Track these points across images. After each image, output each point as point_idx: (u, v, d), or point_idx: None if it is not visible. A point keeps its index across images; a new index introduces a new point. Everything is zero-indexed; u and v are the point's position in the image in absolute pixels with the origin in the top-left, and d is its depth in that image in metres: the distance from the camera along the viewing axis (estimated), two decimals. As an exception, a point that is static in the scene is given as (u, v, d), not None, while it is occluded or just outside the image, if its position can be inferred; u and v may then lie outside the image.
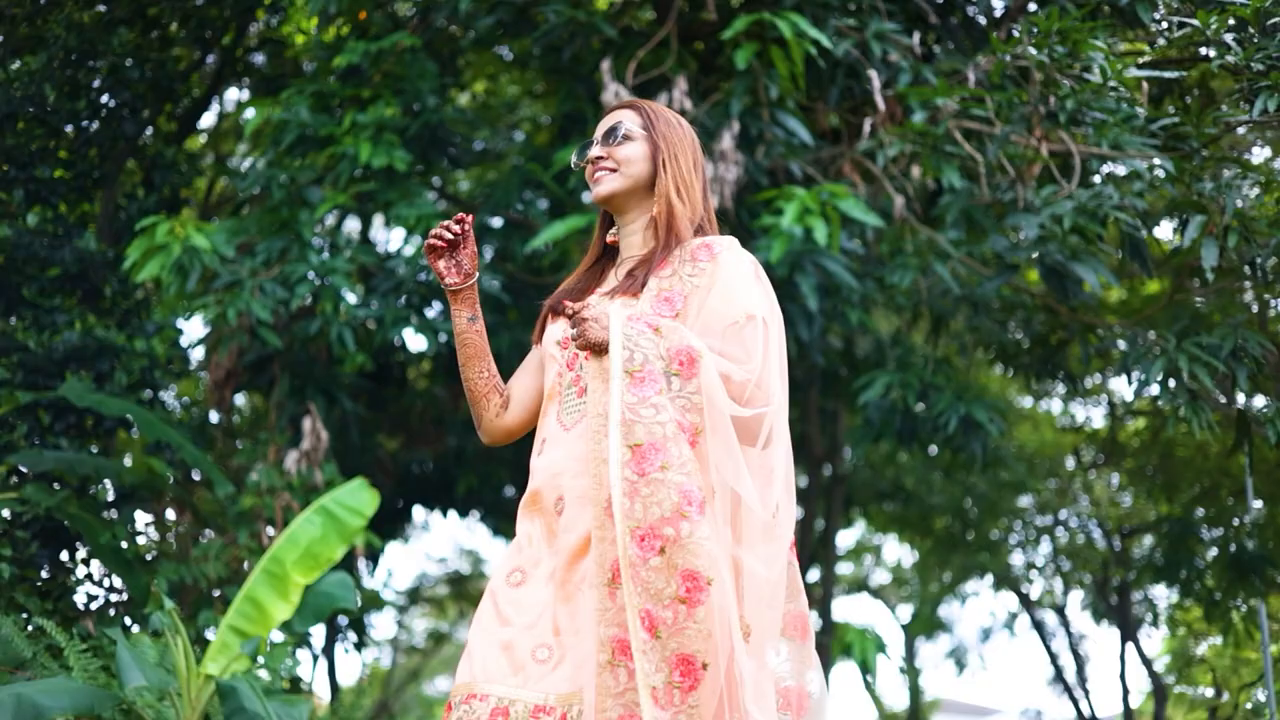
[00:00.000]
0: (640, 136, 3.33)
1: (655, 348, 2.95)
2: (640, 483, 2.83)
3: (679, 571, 2.78)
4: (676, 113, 3.46)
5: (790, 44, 7.14)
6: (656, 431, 2.86)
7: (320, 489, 7.84)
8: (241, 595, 6.10)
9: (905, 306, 8.18)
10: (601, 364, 2.97)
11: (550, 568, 3.07)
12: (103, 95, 9.33)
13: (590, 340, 2.97)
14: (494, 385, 3.39)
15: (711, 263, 3.16)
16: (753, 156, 7.65)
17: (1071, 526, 15.80)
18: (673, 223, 3.25)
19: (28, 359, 8.45)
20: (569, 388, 3.19)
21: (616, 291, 3.22)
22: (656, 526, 2.80)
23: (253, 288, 7.51)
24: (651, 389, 2.90)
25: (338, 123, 7.97)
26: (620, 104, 3.45)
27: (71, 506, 7.54)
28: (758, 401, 2.99)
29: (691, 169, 3.36)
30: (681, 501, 2.82)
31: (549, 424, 3.23)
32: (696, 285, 3.14)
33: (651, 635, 2.77)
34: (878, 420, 7.69)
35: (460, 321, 3.34)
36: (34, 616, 7.27)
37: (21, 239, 8.74)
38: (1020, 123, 6.85)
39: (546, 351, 3.32)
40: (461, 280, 3.31)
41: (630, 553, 2.80)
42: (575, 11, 7.49)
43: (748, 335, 3.04)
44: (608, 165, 3.32)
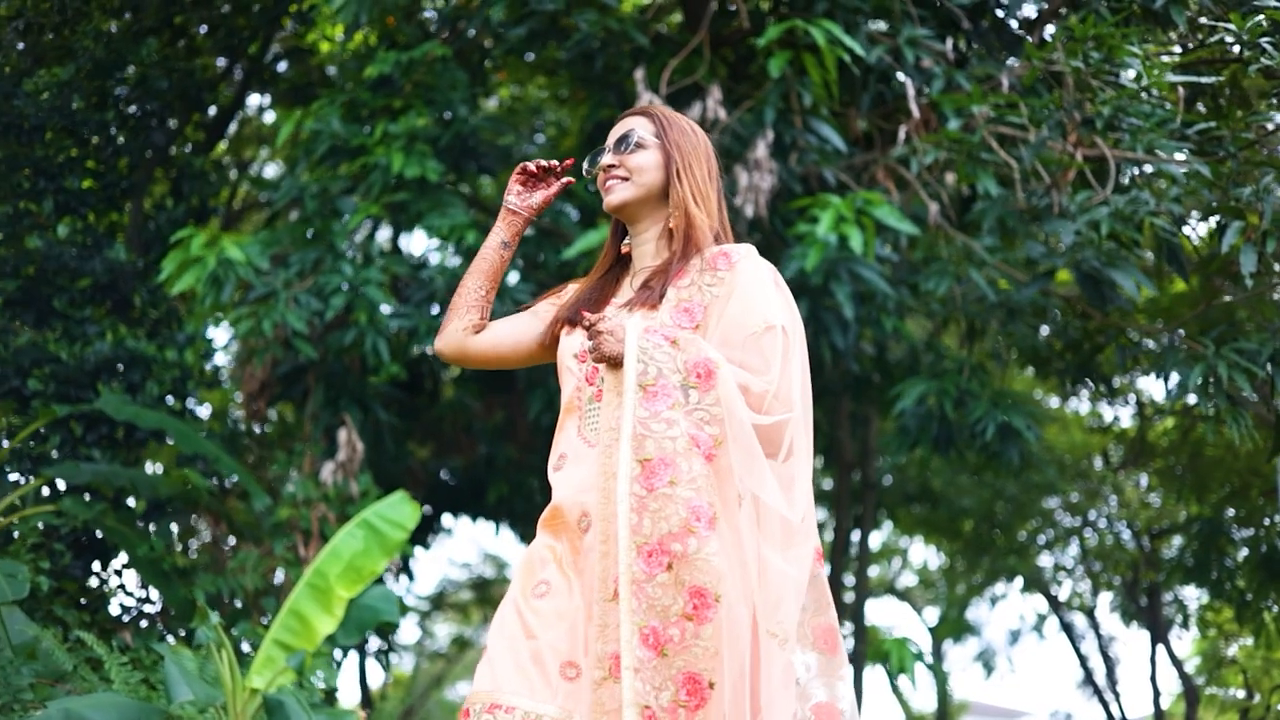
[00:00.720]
0: (653, 145, 3.32)
1: (671, 361, 2.96)
2: (648, 498, 2.84)
3: (686, 588, 2.79)
4: (696, 121, 3.50)
5: (824, 52, 7.20)
6: (667, 447, 2.87)
7: (356, 500, 7.93)
8: (285, 609, 6.18)
9: (940, 313, 8.23)
10: (618, 377, 2.98)
11: (575, 586, 3.05)
12: (131, 105, 9.43)
13: (606, 353, 2.97)
14: (481, 306, 3.40)
15: (730, 271, 3.15)
16: (786, 163, 7.72)
17: (1100, 528, 15.83)
18: (691, 233, 3.24)
19: (59, 370, 8.55)
20: (590, 402, 3.18)
21: (634, 303, 3.21)
22: (665, 542, 2.81)
23: (287, 299, 7.60)
24: (664, 403, 2.91)
25: (369, 133, 8.06)
26: (632, 111, 3.44)
27: (109, 519, 7.63)
28: (778, 411, 3.00)
29: (707, 178, 3.35)
30: (690, 517, 2.82)
31: (569, 438, 3.21)
32: (716, 295, 3.14)
33: (657, 653, 2.77)
34: (914, 428, 7.75)
35: (494, 239, 3.41)
36: (73, 629, 7.37)
37: (52, 250, 8.84)
38: (1055, 128, 6.90)
39: (563, 364, 3.30)
40: (521, 209, 3.41)
41: (635, 569, 2.80)
42: (607, 20, 7.56)
43: (766, 345, 3.04)
44: (620, 174, 3.31)
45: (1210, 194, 6.67)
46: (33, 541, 7.45)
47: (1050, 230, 6.97)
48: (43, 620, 7.40)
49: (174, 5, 9.63)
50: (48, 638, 6.75)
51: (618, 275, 3.43)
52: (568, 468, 3.18)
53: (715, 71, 7.89)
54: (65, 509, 7.57)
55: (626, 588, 2.80)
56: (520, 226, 3.43)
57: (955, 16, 7.80)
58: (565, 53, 7.87)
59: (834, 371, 8.82)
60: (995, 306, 7.57)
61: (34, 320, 8.97)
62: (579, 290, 3.46)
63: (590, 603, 2.97)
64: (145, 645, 7.32)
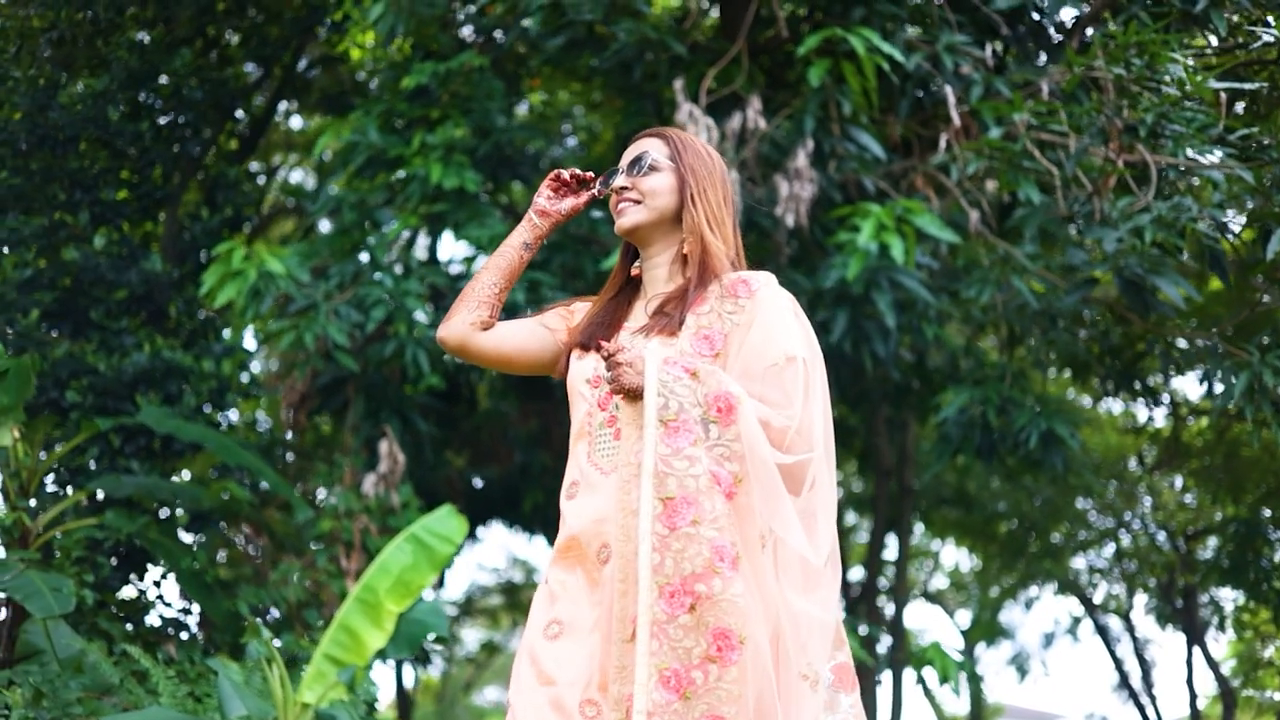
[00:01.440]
0: (667, 168, 3.29)
1: (692, 394, 2.91)
2: (671, 537, 2.79)
3: (710, 630, 2.74)
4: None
5: (863, 60, 7.26)
6: (690, 485, 2.82)
7: (397, 511, 8.02)
8: (336, 624, 6.26)
9: (981, 320, 8.28)
10: (636, 409, 2.94)
11: (594, 618, 3.01)
12: (164, 115, 9.53)
13: (625, 385, 2.93)
14: (492, 303, 3.35)
15: (750, 300, 3.13)
16: (824, 171, 7.77)
17: (1134, 529, 15.84)
18: (707, 259, 3.21)
19: (97, 382, 8.64)
20: (601, 428, 3.15)
21: (651, 329, 3.18)
22: (688, 582, 2.76)
23: (328, 311, 7.69)
24: (686, 439, 2.86)
25: (406, 143, 8.14)
26: (647, 133, 3.42)
27: (152, 532, 7.73)
28: (799, 448, 2.96)
29: (722, 202, 3.31)
30: (714, 558, 2.78)
31: (580, 465, 3.18)
32: (737, 323, 3.11)
33: (679, 696, 2.72)
34: (955, 436, 7.80)
35: (517, 238, 3.37)
36: (117, 642, 7.47)
37: (88, 262, 8.94)
38: (1097, 135, 6.94)
39: (574, 389, 3.27)
40: (550, 210, 3.38)
41: (656, 610, 2.76)
42: (645, 29, 7.62)
43: (788, 378, 3.01)
44: (632, 196, 3.29)
45: (1252, 199, 6.71)
46: (77, 555, 7.55)
47: (1093, 237, 7.01)
48: (87, 633, 7.50)
49: (207, 15, 9.73)
50: (94, 651, 6.85)
51: (629, 298, 3.41)
52: (581, 496, 3.15)
53: (753, 80, 7.94)
54: (109, 522, 7.66)
55: (645, 629, 2.75)
56: (545, 230, 3.40)
57: (994, 22, 7.84)
58: (602, 62, 7.92)
59: (874, 379, 8.86)
60: (1037, 313, 7.62)
61: (71, 332, 9.08)
62: (589, 313, 3.42)
63: (608, 637, 2.93)
64: (189, 658, 7.42)
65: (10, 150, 9.22)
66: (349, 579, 7.84)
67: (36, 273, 9.00)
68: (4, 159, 9.26)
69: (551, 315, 3.47)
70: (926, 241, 7.63)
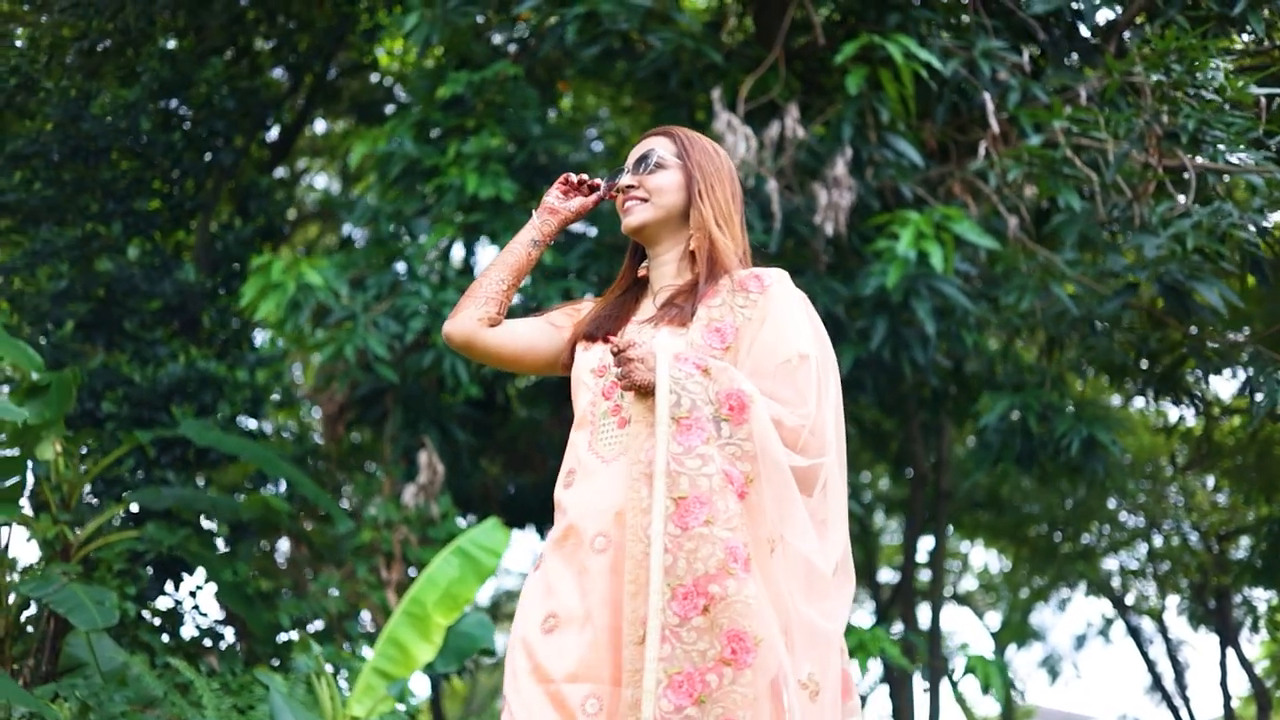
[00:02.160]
0: (674, 165, 3.30)
1: (704, 391, 2.89)
2: (683, 537, 2.76)
3: (724, 632, 2.70)
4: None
5: (901, 68, 7.31)
6: (703, 484, 2.80)
7: (436, 522, 8.10)
8: (384, 637, 6.35)
9: (1019, 326, 8.33)
10: (646, 405, 2.92)
11: (585, 610, 2.98)
12: (196, 125, 9.63)
13: (636, 381, 2.92)
14: (499, 300, 3.34)
15: (763, 295, 3.11)
16: (862, 179, 7.83)
17: (1166, 529, 15.85)
18: (715, 255, 3.21)
19: (132, 393, 8.74)
20: (605, 416, 3.13)
21: (661, 320, 3.18)
22: (701, 583, 2.73)
23: (366, 323, 7.77)
24: (698, 437, 2.84)
25: (441, 152, 8.21)
26: (653, 131, 3.42)
27: (192, 544, 7.82)
28: (812, 449, 2.95)
29: (729, 199, 3.31)
30: (727, 558, 2.75)
31: (580, 453, 3.16)
32: (749, 318, 3.09)
33: (693, 701, 2.68)
34: (996, 443, 7.85)
35: (526, 235, 3.40)
36: (159, 654, 7.55)
37: (122, 273, 9.04)
38: (1136, 141, 6.98)
39: (579, 379, 3.26)
40: (557, 210, 3.43)
41: (668, 614, 2.73)
42: (683, 38, 7.69)
43: (800, 376, 3.00)
44: (639, 195, 3.29)
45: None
46: (118, 568, 7.64)
47: (1133, 244, 7.06)
48: (129, 646, 7.59)
49: (237, 24, 9.83)
50: (137, 664, 6.94)
51: (636, 295, 3.40)
52: (578, 484, 3.12)
53: (790, 87, 8.01)
54: (150, 535, 7.76)
55: (655, 633, 2.72)
56: (554, 228, 3.42)
57: (1030, 27, 7.88)
58: (638, 71, 7.99)
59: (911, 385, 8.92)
60: (1077, 320, 7.67)
61: (105, 343, 9.18)
62: (596, 309, 3.42)
63: (617, 635, 2.90)
64: (230, 669, 7.51)
65: (43, 161, 9.33)
66: (389, 590, 7.93)
67: (70, 284, 9.10)
68: (37, 170, 9.37)
69: (558, 314, 3.48)
70: (965, 248, 7.68)
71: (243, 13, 9.77)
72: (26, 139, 9.34)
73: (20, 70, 9.39)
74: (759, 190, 7.66)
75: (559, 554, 3.09)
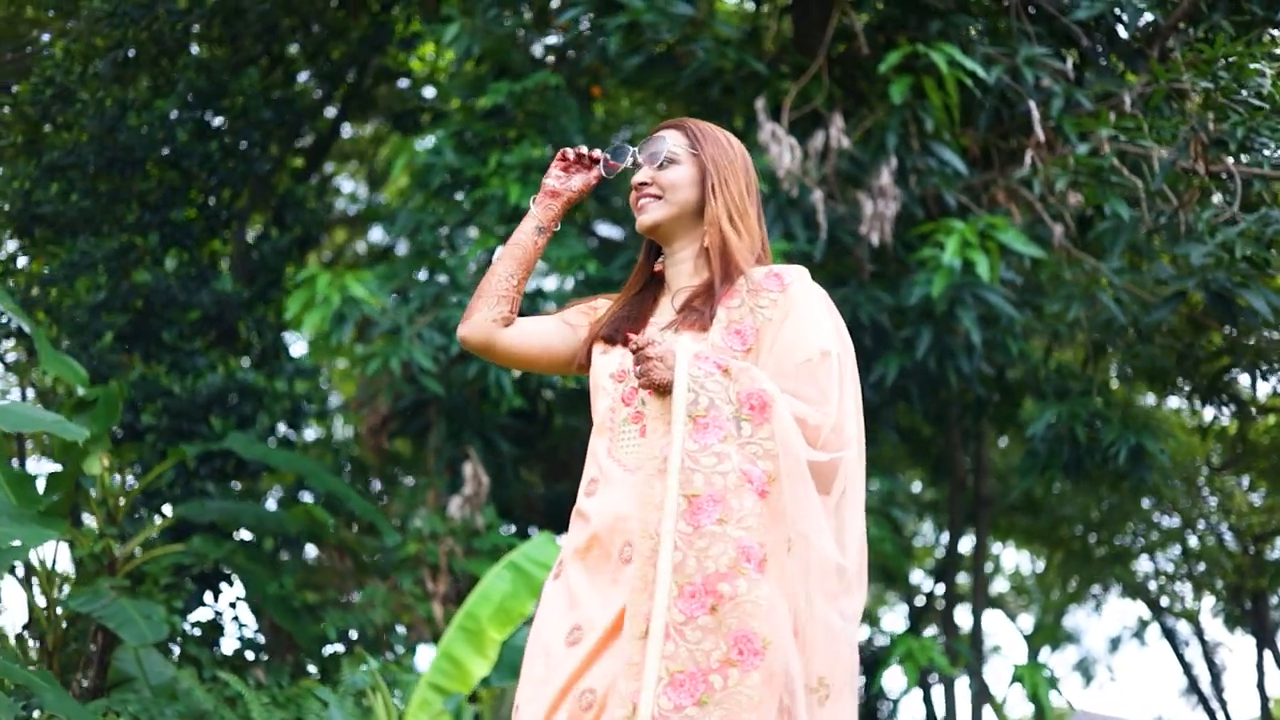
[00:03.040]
0: (686, 159, 3.24)
1: (724, 391, 2.88)
2: (694, 535, 2.75)
3: (731, 633, 2.69)
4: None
5: (945, 77, 7.39)
6: (717, 482, 2.79)
7: (482, 533, 8.20)
8: (439, 652, 6.45)
9: (1065, 335, 8.40)
10: (664, 404, 2.91)
11: (611, 619, 2.94)
12: (232, 135, 9.74)
13: (655, 380, 2.90)
14: (512, 296, 3.30)
15: (782, 294, 3.09)
16: (906, 187, 7.90)
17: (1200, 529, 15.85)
18: (728, 253, 3.18)
19: (171, 404, 8.84)
20: (625, 423, 3.12)
21: (680, 324, 3.15)
22: (710, 581, 2.72)
23: (411, 335, 7.87)
24: (715, 436, 2.83)
25: (482, 162, 8.30)
26: (665, 123, 3.36)
27: (238, 557, 7.93)
28: (834, 446, 2.93)
29: (744, 193, 3.26)
30: (739, 558, 2.74)
31: (601, 461, 3.14)
32: (769, 318, 3.07)
33: (694, 701, 2.66)
34: (1044, 452, 7.92)
35: (530, 223, 3.33)
36: (206, 667, 7.67)
37: (160, 283, 9.14)
38: (1182, 149, 7.02)
39: (597, 384, 3.23)
40: (559, 192, 3.34)
41: (674, 611, 2.71)
42: (726, 49, 7.78)
43: (822, 374, 2.98)
44: (652, 192, 3.24)
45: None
46: (165, 582, 7.75)
47: (1181, 252, 7.12)
48: (177, 659, 7.70)
49: (272, 33, 9.93)
50: (186, 678, 7.05)
51: (653, 294, 3.36)
52: (601, 492, 3.10)
53: (832, 96, 8.08)
54: (195, 548, 7.86)
55: (659, 630, 2.71)
56: (558, 210, 3.35)
57: (1073, 33, 7.94)
58: (681, 82, 8.07)
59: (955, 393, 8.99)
60: (1123, 328, 7.73)
61: (143, 354, 9.28)
62: (612, 308, 3.39)
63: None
64: (277, 682, 7.61)
65: (79, 172, 9.44)
66: (435, 602, 8.03)
67: (108, 295, 9.20)
68: (73, 181, 9.48)
69: (573, 312, 3.44)
70: (1009, 256, 7.75)
71: (277, 21, 9.86)
72: (63, 150, 9.46)
73: (55, 81, 9.51)
74: (803, 199, 7.74)
75: (582, 564, 3.08)
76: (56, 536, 6.31)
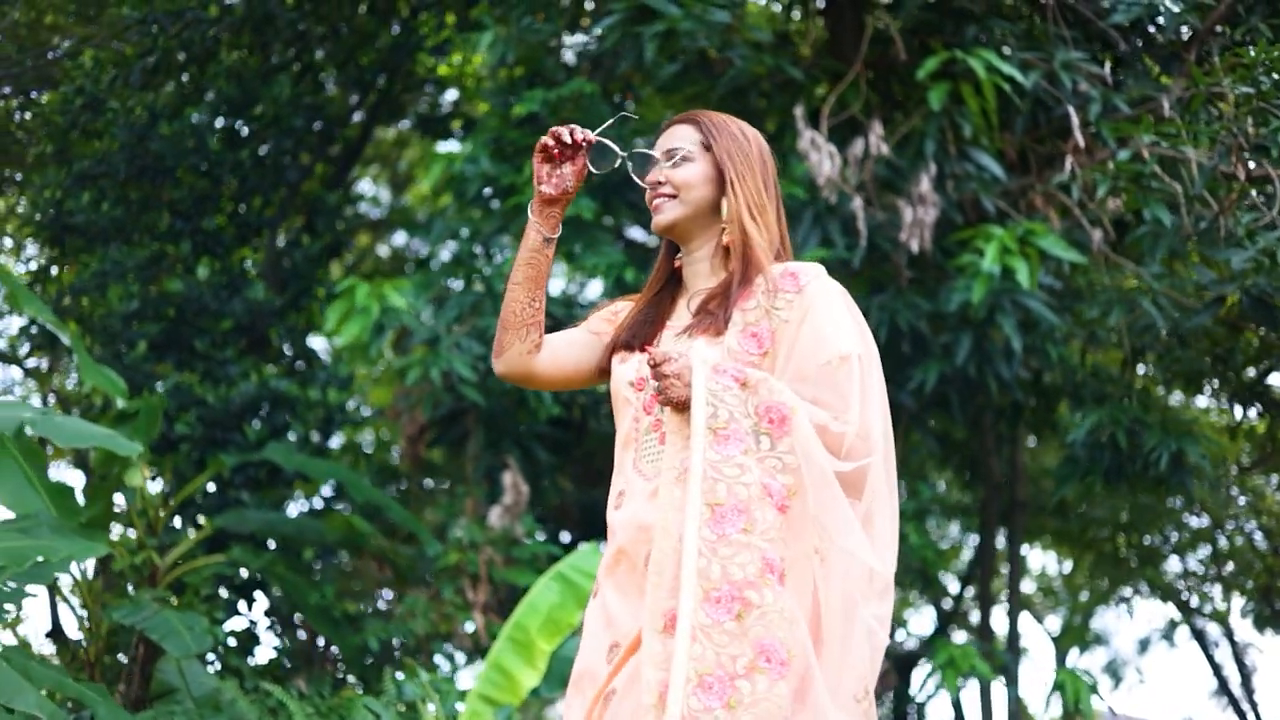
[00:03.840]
0: (700, 156, 3.18)
1: (742, 405, 2.85)
2: (719, 543, 2.74)
3: (756, 640, 2.69)
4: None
5: (983, 83, 7.47)
6: (740, 493, 2.77)
7: (521, 542, 8.31)
8: (489, 664, 6.55)
9: (1104, 339, 8.47)
10: (684, 417, 2.88)
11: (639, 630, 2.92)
12: (263, 143, 9.85)
13: (673, 398, 2.87)
14: (538, 320, 3.22)
15: (799, 294, 3.04)
16: (943, 192, 7.97)
17: (1229, 529, 15.88)
18: (749, 251, 3.12)
19: (205, 413, 8.94)
20: (647, 433, 3.07)
21: (695, 329, 3.11)
22: (738, 588, 2.72)
23: (450, 344, 7.97)
24: (737, 448, 2.82)
25: (517, 170, 8.39)
26: (678, 118, 3.32)
27: (279, 568, 8.03)
28: (859, 453, 2.90)
29: (762, 188, 3.19)
30: (764, 569, 2.74)
31: (627, 474, 3.12)
32: (785, 320, 3.03)
33: (723, 704, 2.65)
34: (1084, 458, 7.99)
35: (535, 237, 3.17)
36: (248, 678, 7.77)
37: (192, 292, 9.25)
38: (1223, 154, 7.09)
39: (618, 394, 3.20)
40: (558, 194, 3.16)
41: (700, 614, 2.70)
42: (764, 56, 7.87)
43: (842, 379, 2.94)
44: (666, 191, 3.18)
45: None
46: (206, 593, 7.86)
47: (1221, 257, 7.19)
48: (216, 670, 7.80)
49: (301, 41, 10.03)
50: (230, 689, 7.15)
51: (671, 294, 3.32)
52: (626, 505, 3.08)
53: (869, 102, 8.16)
54: (236, 558, 7.97)
55: (686, 631, 2.69)
56: (559, 214, 3.20)
57: (1110, 37, 8.00)
58: (717, 89, 8.16)
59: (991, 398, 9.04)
60: (1162, 333, 7.80)
61: (176, 363, 9.39)
62: (632, 311, 3.34)
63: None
64: (319, 692, 7.72)
65: (111, 181, 9.56)
66: (476, 611, 8.13)
67: (141, 304, 9.31)
68: (104, 190, 9.59)
69: (596, 319, 3.41)
70: (1048, 261, 7.83)
71: (307, 29, 9.96)
72: (93, 159, 9.57)
73: (85, 90, 9.62)
74: (841, 206, 7.83)
75: (612, 581, 3.08)
76: (105, 550, 6.42)
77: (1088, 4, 8.02)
